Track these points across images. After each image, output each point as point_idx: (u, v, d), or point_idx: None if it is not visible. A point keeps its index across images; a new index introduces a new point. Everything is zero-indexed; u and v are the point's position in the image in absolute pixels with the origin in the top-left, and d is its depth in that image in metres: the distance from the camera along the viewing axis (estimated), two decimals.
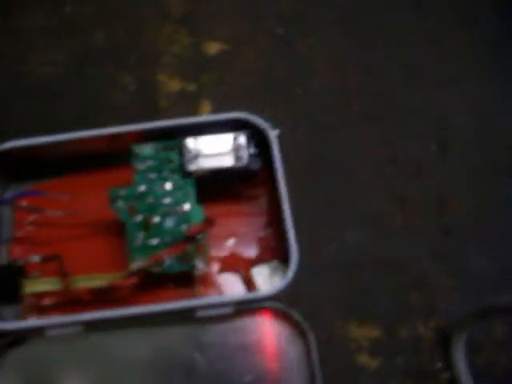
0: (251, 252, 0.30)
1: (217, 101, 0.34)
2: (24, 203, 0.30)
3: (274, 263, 0.30)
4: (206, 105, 0.34)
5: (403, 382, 0.30)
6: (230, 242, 0.30)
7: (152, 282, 0.29)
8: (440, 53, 0.38)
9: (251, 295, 0.27)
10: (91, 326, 0.27)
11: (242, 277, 0.30)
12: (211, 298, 0.27)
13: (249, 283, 0.30)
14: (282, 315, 0.28)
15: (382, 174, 0.34)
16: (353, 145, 0.34)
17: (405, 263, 0.32)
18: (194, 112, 0.30)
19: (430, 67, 0.37)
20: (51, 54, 0.35)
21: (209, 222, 0.28)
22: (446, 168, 0.34)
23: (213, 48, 0.36)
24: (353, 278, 0.31)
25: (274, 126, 0.30)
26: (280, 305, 0.28)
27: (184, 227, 0.28)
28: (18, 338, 0.28)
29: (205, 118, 0.29)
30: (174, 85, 0.35)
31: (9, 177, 0.31)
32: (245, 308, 0.28)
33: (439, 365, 0.30)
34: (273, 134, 0.30)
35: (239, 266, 0.30)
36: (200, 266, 0.28)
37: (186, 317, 0.28)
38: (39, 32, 0.36)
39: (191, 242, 0.28)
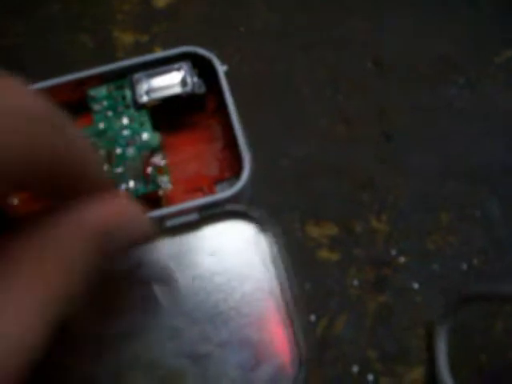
0: (212, 172, 0.33)
1: (167, 46, 0.37)
2: None
3: (234, 179, 0.33)
4: (158, 51, 0.37)
5: (362, 270, 0.33)
6: (192, 165, 0.33)
7: None
8: None
9: (212, 198, 0.30)
10: None
11: (206, 193, 0.33)
12: (176, 206, 0.30)
13: None
14: (244, 216, 0.31)
15: (324, 93, 0.37)
16: (295, 73, 0.37)
17: (353, 168, 0.35)
18: None
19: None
20: (10, 27, 0.38)
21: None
22: (382, 83, 0.37)
23: (160, 2, 0.39)
24: (307, 186, 0.34)
25: (222, 63, 0.33)
26: (241, 206, 0.31)
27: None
28: None
29: (153, 55, 0.32)
30: (128, 38, 0.38)
31: None
32: (209, 213, 0.31)
33: (393, 252, 0.33)
34: (220, 67, 0.33)
35: (203, 184, 0.33)
36: (164, 184, 0.31)
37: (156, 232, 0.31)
38: None
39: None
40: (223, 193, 0.30)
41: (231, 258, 0.31)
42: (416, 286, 0.33)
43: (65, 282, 0.15)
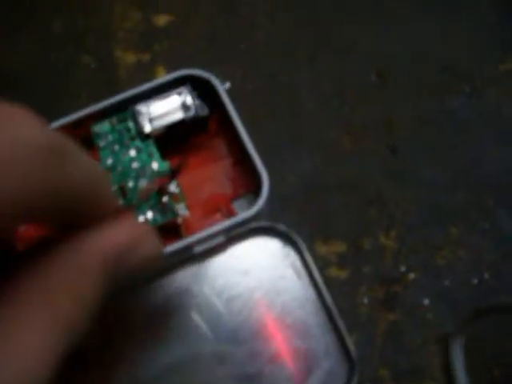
0: (226, 190, 0.33)
1: (170, 65, 0.37)
2: None
3: (251, 195, 0.33)
4: (161, 70, 0.37)
5: (372, 287, 0.33)
6: (205, 187, 0.33)
7: None
8: None
9: (237, 218, 0.29)
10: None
11: (225, 213, 0.32)
12: (203, 232, 0.29)
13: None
14: (268, 232, 0.31)
15: (328, 107, 0.37)
16: (299, 86, 0.37)
17: (360, 183, 0.35)
18: (152, 78, 0.33)
19: (363, 7, 0.40)
20: (12, 46, 0.38)
21: (175, 172, 0.31)
22: (387, 94, 0.37)
23: (161, 20, 0.39)
24: (314, 202, 0.34)
25: (225, 81, 0.33)
26: (265, 222, 0.31)
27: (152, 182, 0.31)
28: None
29: (152, 83, 0.31)
30: (130, 57, 0.38)
31: None
32: (235, 234, 0.31)
33: (403, 268, 0.33)
34: (220, 86, 0.32)
35: (220, 204, 0.32)
36: (181, 211, 0.30)
37: (185, 258, 0.31)
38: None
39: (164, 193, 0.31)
40: (248, 211, 0.29)
41: (264, 273, 0.31)
42: (427, 302, 0.33)
43: (73, 312, 0.15)
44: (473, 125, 0.37)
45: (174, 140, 0.32)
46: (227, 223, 0.30)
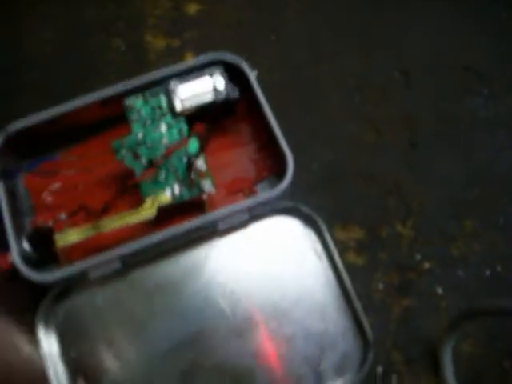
0: (250, 174, 0.34)
1: (198, 52, 0.38)
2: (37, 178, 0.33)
3: (273, 179, 0.34)
4: (190, 56, 0.38)
5: (388, 274, 0.34)
6: (230, 169, 0.34)
7: (166, 219, 0.31)
8: None
9: (261, 197, 0.31)
10: (127, 261, 0.30)
11: (247, 195, 0.33)
12: (229, 208, 0.30)
13: None
14: (291, 212, 0.32)
15: (351, 101, 0.38)
16: (323, 80, 0.38)
17: (380, 174, 0.36)
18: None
19: (389, 6, 0.41)
20: (45, 31, 0.39)
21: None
22: (410, 92, 0.38)
23: (191, 8, 0.40)
24: (335, 191, 0.35)
25: (252, 69, 0.34)
26: (288, 203, 0.32)
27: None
28: (63, 289, 0.30)
29: (184, 64, 0.33)
30: (160, 42, 0.39)
31: (19, 156, 0.33)
32: (258, 213, 0.32)
33: (418, 257, 0.34)
34: (250, 71, 0.34)
35: (243, 186, 0.33)
36: (207, 188, 0.31)
37: (208, 234, 0.32)
38: (31, 13, 0.40)
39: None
40: (273, 190, 0.31)
41: (284, 254, 0.32)
42: (440, 291, 0.33)
43: None
44: (490, 125, 0.38)
45: (203, 120, 0.33)
46: (251, 201, 0.31)
